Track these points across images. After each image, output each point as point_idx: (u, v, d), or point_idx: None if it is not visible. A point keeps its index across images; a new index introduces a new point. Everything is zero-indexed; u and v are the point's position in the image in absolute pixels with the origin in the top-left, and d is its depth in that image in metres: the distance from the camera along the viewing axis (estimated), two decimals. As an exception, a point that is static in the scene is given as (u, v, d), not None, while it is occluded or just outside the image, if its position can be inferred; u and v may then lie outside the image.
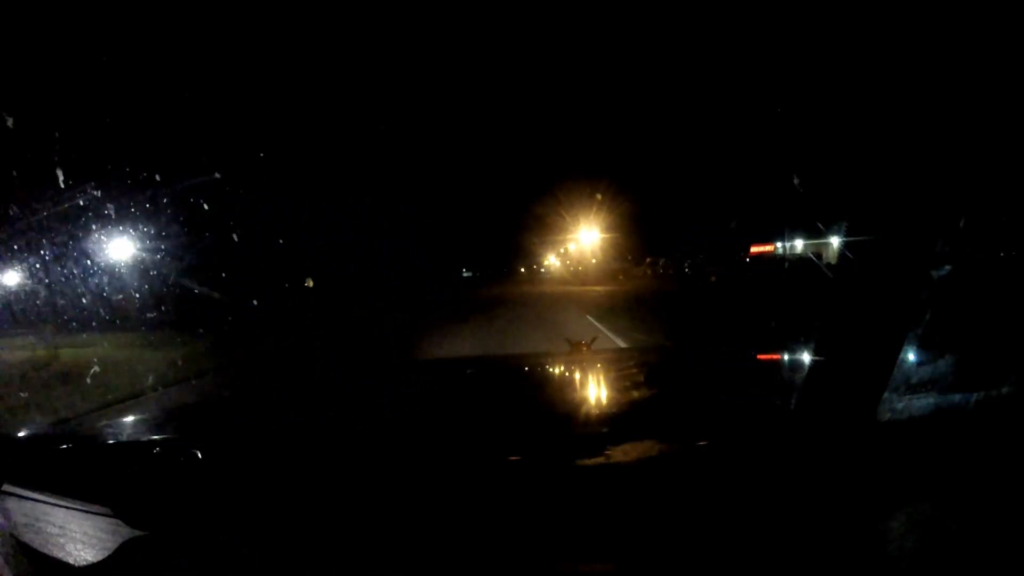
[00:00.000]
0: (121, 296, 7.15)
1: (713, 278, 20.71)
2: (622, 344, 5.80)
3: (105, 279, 6.62)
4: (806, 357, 1.04)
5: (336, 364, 5.36)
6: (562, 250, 43.82)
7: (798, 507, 0.62)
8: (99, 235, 6.48)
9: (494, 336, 8.14)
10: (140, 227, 7.16)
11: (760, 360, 1.57)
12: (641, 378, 1.30)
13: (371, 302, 17.70)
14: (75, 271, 6.17)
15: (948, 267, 0.70)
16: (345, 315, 14.34)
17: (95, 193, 5.87)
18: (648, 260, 34.62)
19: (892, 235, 0.70)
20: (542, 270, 52.00)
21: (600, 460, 0.68)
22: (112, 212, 6.38)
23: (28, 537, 0.71)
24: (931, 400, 0.71)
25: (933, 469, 0.65)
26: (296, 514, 0.65)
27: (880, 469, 0.65)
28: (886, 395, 0.64)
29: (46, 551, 0.69)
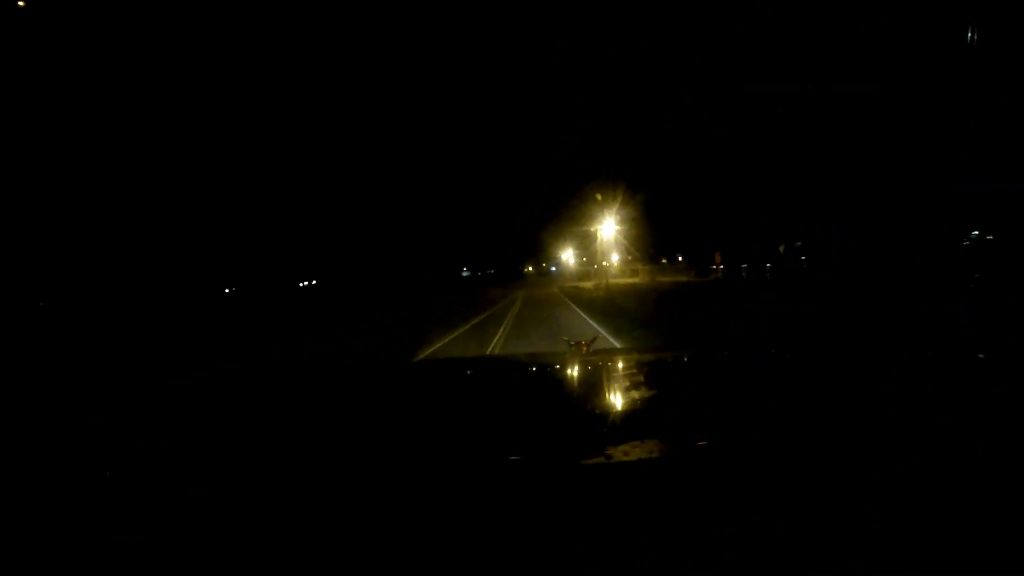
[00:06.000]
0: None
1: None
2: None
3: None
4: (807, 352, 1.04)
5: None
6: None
7: (799, 504, 0.62)
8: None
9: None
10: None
11: (761, 358, 1.57)
12: (641, 378, 1.29)
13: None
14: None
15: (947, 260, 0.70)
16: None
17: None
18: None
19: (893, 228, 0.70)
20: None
21: (600, 460, 0.68)
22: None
23: None
24: (931, 391, 0.71)
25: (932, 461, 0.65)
26: (294, 512, 0.64)
27: (879, 463, 0.64)
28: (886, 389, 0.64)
29: None
